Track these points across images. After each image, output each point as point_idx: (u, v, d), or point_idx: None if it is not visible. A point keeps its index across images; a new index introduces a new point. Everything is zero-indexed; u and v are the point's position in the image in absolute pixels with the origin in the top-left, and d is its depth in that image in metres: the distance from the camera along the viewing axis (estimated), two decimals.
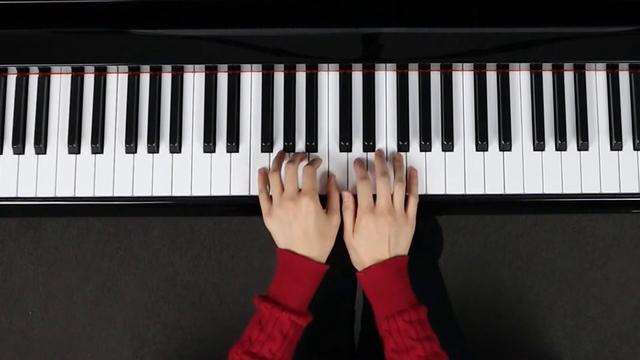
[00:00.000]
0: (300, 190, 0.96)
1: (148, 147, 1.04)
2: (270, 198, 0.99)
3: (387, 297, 0.95)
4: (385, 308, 0.94)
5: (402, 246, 0.98)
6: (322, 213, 0.96)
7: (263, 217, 0.99)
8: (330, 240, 0.98)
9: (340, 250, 0.99)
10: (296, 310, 0.94)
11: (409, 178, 1.02)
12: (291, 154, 1.03)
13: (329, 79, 1.06)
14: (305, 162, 1.02)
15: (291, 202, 0.95)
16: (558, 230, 1.78)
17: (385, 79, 1.06)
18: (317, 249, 0.96)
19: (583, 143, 1.04)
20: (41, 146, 1.04)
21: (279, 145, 1.04)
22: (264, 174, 1.01)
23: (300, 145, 1.04)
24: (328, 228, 0.97)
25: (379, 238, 0.95)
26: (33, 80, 1.06)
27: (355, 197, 0.99)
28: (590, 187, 1.03)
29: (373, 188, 0.99)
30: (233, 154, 1.04)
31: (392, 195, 0.98)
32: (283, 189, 0.97)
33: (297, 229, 0.95)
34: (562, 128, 1.04)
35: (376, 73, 1.05)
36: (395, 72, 1.05)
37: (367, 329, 1.20)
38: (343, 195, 1.00)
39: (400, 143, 1.04)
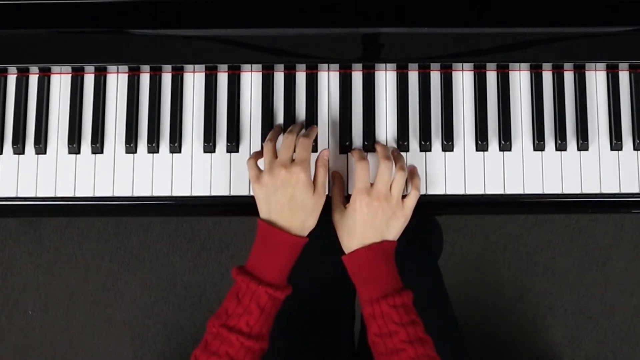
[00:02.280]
0: (293, 160, 0.95)
1: (148, 147, 1.04)
2: (258, 168, 0.98)
3: (371, 280, 0.93)
4: (370, 292, 0.93)
5: (392, 233, 0.96)
6: (311, 186, 0.94)
7: (251, 183, 0.97)
8: (312, 217, 0.95)
9: (340, 249, 0.99)
10: (273, 284, 0.92)
11: (411, 173, 1.01)
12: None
13: (329, 79, 1.06)
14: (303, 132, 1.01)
15: (282, 168, 0.93)
16: (558, 230, 1.78)
17: (385, 79, 1.06)
18: (298, 222, 0.94)
19: (583, 143, 1.04)
20: (41, 146, 1.04)
21: (279, 145, 1.04)
22: (258, 153, 1.00)
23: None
24: (312, 203, 0.94)
25: (368, 222, 0.94)
26: (33, 80, 1.06)
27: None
28: (590, 187, 1.03)
29: (372, 177, 0.98)
30: (233, 154, 1.04)
31: (391, 184, 0.97)
32: (276, 158, 0.96)
33: (281, 197, 0.93)
34: (562, 128, 1.04)
35: (376, 73, 1.05)
36: (395, 72, 1.05)
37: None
38: (332, 174, 1.00)
39: (400, 143, 1.04)
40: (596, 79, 1.05)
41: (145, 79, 1.06)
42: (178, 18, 1.03)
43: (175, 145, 1.04)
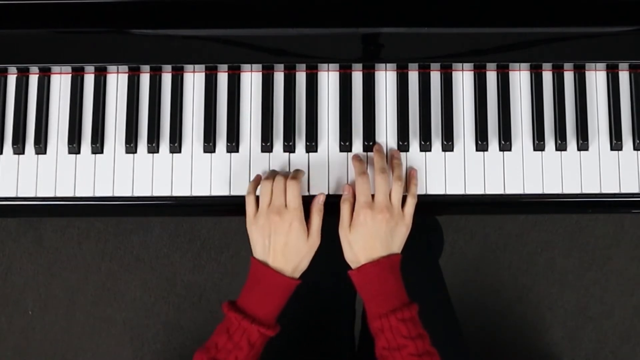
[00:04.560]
0: (286, 204, 0.96)
1: (148, 147, 1.04)
2: (257, 204, 0.98)
3: (380, 295, 0.95)
4: (379, 306, 0.94)
5: (397, 244, 0.98)
6: (304, 233, 0.96)
7: (246, 221, 0.99)
8: (305, 260, 0.97)
9: (340, 249, 0.99)
10: (265, 322, 0.94)
11: (409, 178, 1.02)
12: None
13: (329, 79, 1.06)
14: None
15: (277, 215, 0.95)
16: (558, 230, 1.78)
17: (385, 79, 1.06)
18: (291, 266, 0.96)
19: (583, 143, 1.04)
20: (41, 146, 1.04)
21: (279, 145, 1.04)
22: (258, 180, 1.01)
23: (300, 145, 1.04)
24: (306, 249, 0.97)
25: (375, 234, 0.95)
26: (33, 80, 1.06)
27: (354, 191, 0.99)
28: (590, 187, 1.03)
29: (372, 186, 0.99)
30: (233, 154, 1.04)
31: (390, 194, 0.98)
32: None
33: (276, 243, 0.95)
34: (562, 128, 1.04)
35: (376, 73, 1.05)
36: (395, 72, 1.05)
37: (368, 328, 1.20)
38: (343, 188, 1.00)
39: (400, 143, 1.04)
40: (596, 79, 1.05)
41: (145, 79, 1.06)
42: (178, 18, 1.03)
43: (175, 145, 1.04)
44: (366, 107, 1.05)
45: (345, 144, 1.04)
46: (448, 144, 1.03)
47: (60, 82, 1.06)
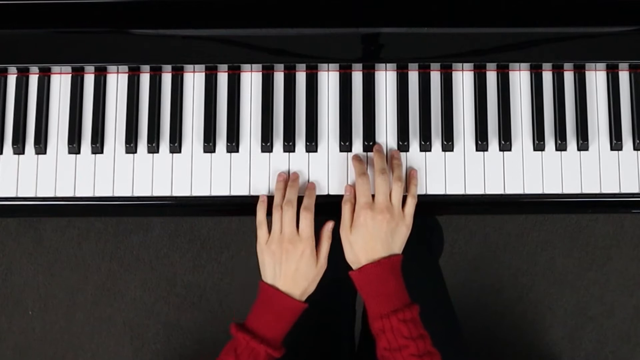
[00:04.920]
0: (298, 232, 0.97)
1: (148, 147, 1.04)
2: (269, 230, 0.99)
3: (381, 296, 0.95)
4: (380, 307, 0.95)
5: (398, 245, 0.98)
6: (314, 259, 0.98)
7: (257, 245, 1.00)
8: (313, 284, 0.99)
9: (341, 250, 0.99)
10: (272, 344, 0.95)
11: (409, 178, 1.02)
12: (283, 177, 1.02)
13: (329, 79, 1.06)
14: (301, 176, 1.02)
15: (290, 244, 0.96)
16: (558, 230, 1.78)
17: (385, 79, 1.06)
18: (300, 290, 0.97)
19: (583, 143, 1.04)
20: (41, 146, 1.04)
21: (279, 145, 1.04)
22: (266, 203, 1.01)
23: (300, 145, 1.04)
24: (314, 274, 0.98)
25: (376, 235, 0.95)
26: (33, 80, 1.06)
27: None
28: (590, 187, 1.03)
29: (372, 187, 0.99)
30: (233, 154, 1.04)
31: (390, 194, 0.98)
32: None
33: (287, 269, 0.96)
34: (562, 128, 1.04)
35: (376, 73, 1.05)
36: (395, 72, 1.05)
37: (368, 328, 1.20)
38: (345, 189, 1.01)
39: (400, 143, 1.04)
40: (596, 79, 1.05)
41: (145, 79, 1.06)
42: (178, 18, 1.03)
43: (175, 145, 1.04)
44: (366, 107, 1.05)
45: (345, 144, 1.04)
46: (448, 144, 1.03)
47: (60, 82, 1.06)
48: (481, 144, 1.04)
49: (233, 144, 1.04)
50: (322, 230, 1.00)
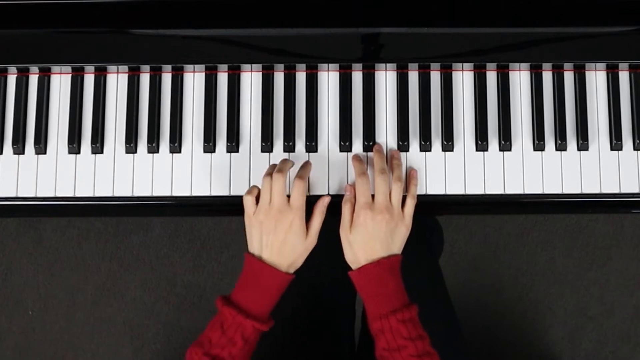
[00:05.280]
0: (289, 200, 0.96)
1: (148, 147, 1.04)
2: (256, 201, 0.98)
3: (381, 296, 0.95)
4: (379, 307, 0.94)
5: (397, 245, 0.98)
6: (303, 232, 0.96)
7: (245, 216, 0.98)
8: (301, 259, 0.98)
9: (340, 249, 0.99)
10: (259, 318, 0.94)
11: (409, 178, 1.02)
12: (280, 160, 1.01)
13: (329, 79, 1.06)
14: (296, 167, 1.01)
15: (279, 213, 0.95)
16: (558, 230, 1.78)
17: (385, 79, 1.06)
18: (286, 262, 0.96)
19: (583, 143, 1.04)
20: (41, 146, 1.04)
21: (279, 145, 1.04)
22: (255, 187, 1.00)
23: (300, 145, 1.04)
24: (303, 248, 0.97)
25: (375, 235, 0.95)
26: (33, 80, 1.06)
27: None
28: (590, 187, 1.03)
29: (372, 187, 0.99)
30: (233, 154, 1.05)
31: (389, 194, 0.98)
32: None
33: (274, 239, 0.95)
34: (562, 128, 1.04)
35: (376, 73, 1.05)
36: (395, 72, 1.05)
37: (368, 328, 1.20)
38: (345, 189, 1.01)
39: (400, 143, 1.04)
40: (596, 79, 1.05)
41: (145, 79, 1.06)
42: (178, 18, 1.03)
43: (175, 145, 1.04)
44: (366, 107, 1.05)
45: (345, 144, 1.04)
46: (448, 144, 1.03)
47: (60, 82, 1.06)
48: (481, 144, 1.04)
49: (233, 144, 1.04)
50: (316, 204, 0.98)
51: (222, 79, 1.06)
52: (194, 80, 1.06)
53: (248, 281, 0.96)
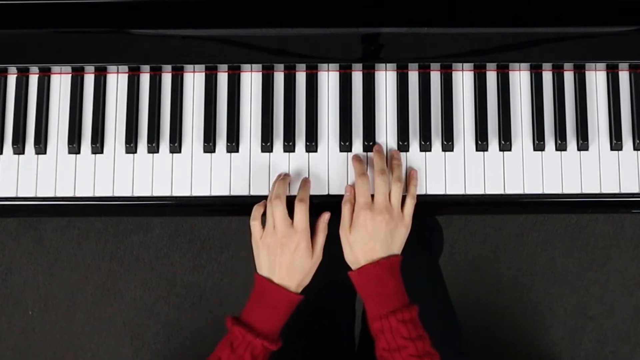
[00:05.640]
0: (292, 222, 0.97)
1: (148, 147, 1.04)
2: (263, 226, 0.99)
3: (380, 296, 0.95)
4: (379, 307, 0.94)
5: (397, 245, 0.98)
6: (310, 251, 0.97)
7: (252, 240, 0.99)
8: (308, 277, 0.99)
9: (340, 250, 0.99)
10: (269, 337, 0.95)
11: (409, 179, 1.02)
12: (281, 176, 1.02)
13: (329, 79, 1.06)
14: (295, 179, 1.02)
15: (285, 237, 0.96)
16: (558, 230, 1.78)
17: (385, 79, 1.06)
18: (295, 282, 0.97)
19: (583, 143, 1.04)
20: (41, 146, 1.04)
21: (279, 145, 1.04)
22: (263, 206, 1.00)
23: (300, 145, 1.04)
24: (310, 266, 0.98)
25: (375, 235, 0.95)
26: (33, 80, 1.06)
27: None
28: (590, 187, 1.03)
29: (372, 187, 0.99)
30: (233, 154, 1.05)
31: (389, 194, 0.98)
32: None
33: (282, 262, 0.96)
34: (562, 128, 1.04)
35: (376, 73, 1.05)
36: (395, 72, 1.05)
37: (367, 328, 1.20)
38: (345, 189, 1.01)
39: (400, 143, 1.04)
40: (596, 79, 1.05)
41: (145, 79, 1.06)
42: (178, 18, 1.03)
43: (175, 145, 1.04)
44: (366, 107, 1.05)
45: (345, 144, 1.04)
46: (448, 144, 1.03)
47: (60, 82, 1.06)
48: (481, 144, 1.04)
49: (233, 144, 1.04)
50: (317, 222, 1.00)
51: (222, 79, 1.06)
52: (194, 80, 1.06)
53: (258, 301, 0.97)
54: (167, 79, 1.06)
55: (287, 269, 0.96)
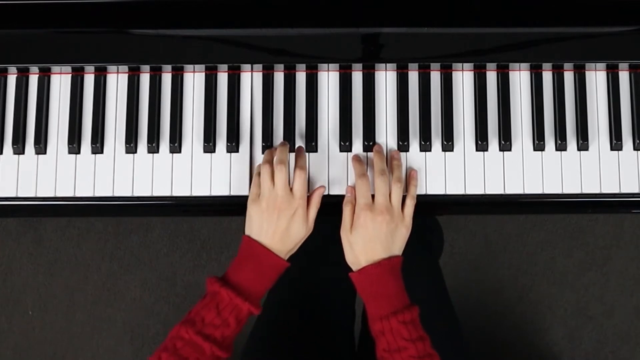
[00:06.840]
0: (291, 189, 0.96)
1: (148, 147, 1.04)
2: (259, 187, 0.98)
3: (381, 297, 0.95)
4: (380, 308, 0.94)
5: (397, 246, 0.98)
6: (306, 220, 0.97)
7: (248, 200, 0.98)
8: (297, 246, 0.99)
9: (341, 250, 0.99)
10: (254, 302, 0.94)
11: (409, 179, 1.02)
12: (278, 148, 1.01)
13: (329, 79, 1.06)
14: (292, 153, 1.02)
15: (283, 202, 0.95)
16: (558, 230, 1.78)
17: (385, 79, 1.06)
18: (286, 249, 0.97)
19: (583, 143, 1.04)
20: (41, 146, 1.04)
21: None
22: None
23: (301, 145, 1.04)
24: (303, 235, 0.98)
25: (375, 236, 0.95)
26: (33, 80, 1.06)
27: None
28: (590, 187, 1.03)
29: (372, 187, 0.99)
30: (233, 154, 1.05)
31: (389, 195, 0.98)
32: (273, 182, 0.97)
33: (276, 225, 0.95)
34: (562, 128, 1.04)
35: (376, 73, 1.05)
36: (395, 72, 1.05)
37: (367, 328, 1.20)
38: (346, 190, 1.01)
39: (400, 143, 1.04)
40: (596, 79, 1.05)
41: (145, 79, 1.06)
42: (178, 18, 1.03)
43: (175, 145, 1.04)
44: (366, 107, 1.05)
45: (345, 144, 1.04)
46: (448, 144, 1.03)
47: (60, 82, 1.06)
48: (481, 144, 1.04)
49: (233, 144, 1.04)
50: (312, 195, 0.99)
51: (222, 79, 1.06)
52: (194, 80, 1.06)
53: (246, 263, 0.96)
54: (167, 79, 1.06)
55: (281, 234, 0.96)
